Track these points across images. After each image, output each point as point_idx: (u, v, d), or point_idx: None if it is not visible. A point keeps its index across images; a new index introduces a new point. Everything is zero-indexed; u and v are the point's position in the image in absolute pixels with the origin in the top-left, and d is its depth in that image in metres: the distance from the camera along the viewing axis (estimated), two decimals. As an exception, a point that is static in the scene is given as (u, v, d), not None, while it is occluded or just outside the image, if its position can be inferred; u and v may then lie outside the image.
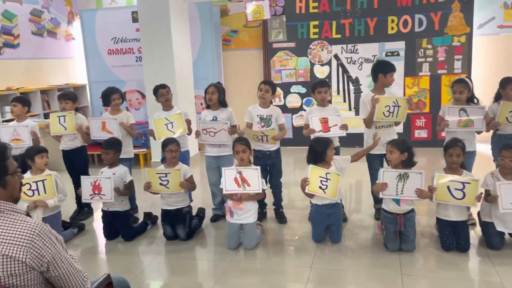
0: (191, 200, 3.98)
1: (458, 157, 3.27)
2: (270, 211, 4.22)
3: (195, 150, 6.71)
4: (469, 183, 3.17)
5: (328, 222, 3.49)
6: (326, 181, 3.36)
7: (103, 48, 7.58)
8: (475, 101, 3.71)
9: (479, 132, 3.68)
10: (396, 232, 3.29)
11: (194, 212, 3.97)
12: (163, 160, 3.92)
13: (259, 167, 3.42)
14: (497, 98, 3.83)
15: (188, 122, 4.09)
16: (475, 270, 3.07)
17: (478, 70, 7.03)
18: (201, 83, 6.87)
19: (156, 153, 6.09)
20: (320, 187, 3.37)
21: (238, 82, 8.04)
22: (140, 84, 7.21)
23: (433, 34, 6.82)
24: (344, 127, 3.80)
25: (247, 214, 3.44)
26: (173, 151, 3.68)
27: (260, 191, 3.41)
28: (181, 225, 3.68)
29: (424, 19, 6.82)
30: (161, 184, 3.62)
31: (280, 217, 4.07)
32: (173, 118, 4.06)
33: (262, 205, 4.15)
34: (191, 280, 3.13)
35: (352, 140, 7.07)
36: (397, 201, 3.28)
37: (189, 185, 3.70)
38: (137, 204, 4.48)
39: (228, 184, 3.39)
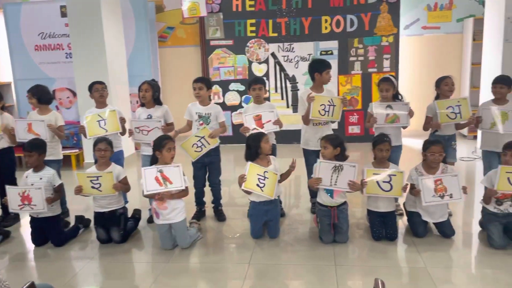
0: (126, 202, 3.87)
1: (388, 151, 3.45)
2: (209, 209, 4.20)
3: (131, 150, 6.54)
4: (395, 175, 3.36)
5: (266, 218, 3.54)
6: (264, 179, 3.41)
7: (29, 44, 7.16)
8: (400, 97, 3.91)
9: (404, 127, 3.89)
10: (330, 225, 3.41)
11: (129, 214, 3.86)
12: (96, 162, 3.77)
13: (180, 164, 3.38)
14: (437, 98, 3.95)
15: (122, 120, 3.97)
16: (403, 258, 3.25)
17: (405, 69, 7.45)
18: (136, 80, 6.64)
19: (89, 154, 5.85)
20: (258, 185, 3.41)
21: (175, 79, 7.92)
22: (70, 81, 6.89)
23: (363, 34, 7.13)
24: (277, 122, 3.87)
25: (173, 213, 3.37)
26: (102, 150, 3.54)
27: (184, 187, 3.35)
28: (115, 228, 3.56)
29: (355, 20, 7.11)
30: (93, 187, 3.48)
31: (219, 215, 4.08)
32: (106, 115, 3.92)
33: (200, 203, 4.13)
34: (127, 283, 3.05)
35: (290, 136, 7.26)
36: (331, 194, 3.40)
37: (123, 186, 3.59)
38: (68, 208, 4.28)
39: (149, 184, 3.30)
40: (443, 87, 3.87)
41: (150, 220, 4.01)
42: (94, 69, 5.86)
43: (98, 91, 4.07)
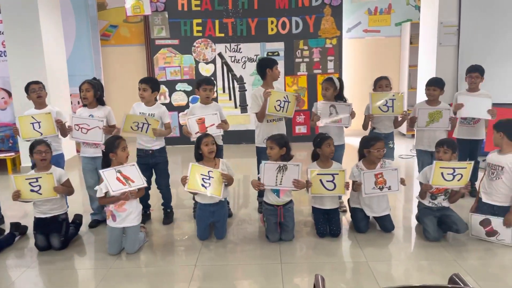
0: (67, 207, 3.72)
1: (272, 149, 3.44)
2: (154, 212, 4.12)
3: (72, 152, 6.28)
4: (338, 173, 3.47)
5: (212, 219, 3.53)
6: (209, 179, 3.39)
7: (-43, 40, 6.67)
8: (344, 99, 4.04)
9: (346, 127, 4.01)
10: (276, 223, 3.46)
11: (70, 219, 3.71)
12: (34, 166, 3.59)
13: (135, 163, 3.33)
14: None
15: (59, 122, 3.79)
16: (346, 253, 3.35)
17: (347, 70, 7.70)
18: (77, 80, 6.38)
19: (26, 157, 5.54)
20: (203, 185, 3.39)
21: (119, 79, 7.71)
22: (5, 81, 6.48)
23: (308, 36, 7.29)
24: (221, 126, 3.86)
25: (130, 216, 3.31)
26: (43, 152, 3.37)
27: (145, 184, 3.32)
28: (55, 234, 3.40)
29: (300, 22, 7.25)
30: (32, 190, 3.31)
31: (167, 217, 4.01)
32: (41, 117, 3.74)
33: (146, 206, 4.04)
34: (68, 291, 2.92)
35: (239, 137, 7.30)
36: (277, 193, 3.45)
37: (65, 189, 3.43)
38: (2, 214, 4.04)
39: (113, 185, 3.20)
40: (377, 88, 4.06)
41: (92, 225, 3.88)
42: (31, 68, 5.57)
43: (35, 92, 3.88)
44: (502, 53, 5.87)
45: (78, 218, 3.81)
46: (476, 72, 4.23)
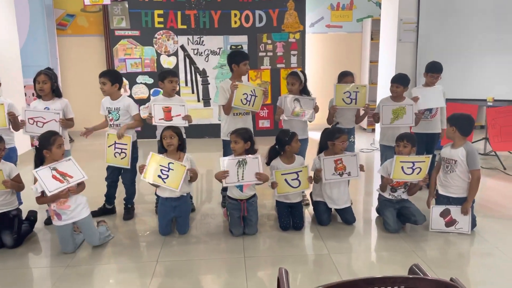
0: (20, 203, 3.55)
1: (237, 143, 3.44)
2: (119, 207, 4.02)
3: (26, 147, 6.01)
4: (301, 170, 3.49)
5: (174, 214, 3.46)
6: (168, 171, 3.32)
7: None
8: (308, 93, 4.06)
9: (310, 121, 4.04)
10: (240, 218, 3.44)
11: (24, 216, 3.54)
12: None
13: (71, 157, 3.20)
14: None
15: (12, 115, 3.60)
16: (309, 246, 3.37)
17: (310, 65, 7.77)
18: (31, 71, 6.13)
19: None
20: (160, 176, 3.31)
21: (77, 70, 7.45)
22: (-48, 71, 6.12)
23: (272, 30, 7.30)
24: (187, 117, 3.80)
25: (77, 209, 3.16)
26: None
27: (86, 177, 3.16)
28: (7, 231, 3.23)
29: (264, 15, 7.24)
30: None
31: (128, 213, 3.90)
32: None
33: (110, 198, 3.94)
34: (21, 291, 2.78)
35: (201, 131, 7.22)
36: (240, 188, 3.42)
37: (15, 184, 3.27)
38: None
39: (49, 184, 3.03)
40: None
41: (48, 222, 3.72)
42: (-20, 57, 5.26)
43: None
44: (457, 50, 6.10)
45: (32, 215, 3.64)
46: (437, 73, 4.31)
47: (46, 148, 3.12)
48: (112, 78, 3.75)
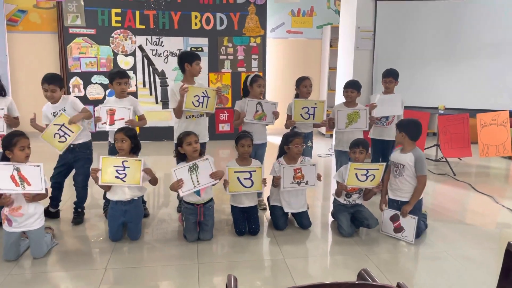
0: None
1: (249, 147, 3.53)
2: (64, 212, 3.83)
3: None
4: (255, 170, 3.46)
5: (124, 219, 3.34)
6: (124, 169, 3.20)
7: None
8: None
9: (269, 125, 4.02)
10: (196, 223, 3.36)
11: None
12: None
13: (41, 164, 3.01)
14: (297, 97, 4.15)
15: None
16: (265, 251, 3.34)
17: (271, 69, 7.80)
18: (-23, 67, 5.83)
19: None
20: (117, 177, 3.20)
21: (27, 69, 7.12)
22: None
23: (233, 33, 7.27)
24: (130, 122, 3.68)
25: (30, 219, 2.99)
26: None
27: (44, 191, 2.99)
28: None
29: (225, 18, 7.20)
30: None
31: (77, 217, 3.73)
32: None
33: (54, 201, 3.76)
34: (-46, 303, 2.59)
35: (159, 134, 7.07)
36: (198, 192, 3.35)
37: None
38: None
39: (2, 182, 2.86)
40: (302, 88, 4.10)
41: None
42: None
43: None
44: (411, 58, 6.30)
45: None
46: (390, 77, 4.46)
47: (8, 148, 2.94)
48: (61, 83, 3.62)
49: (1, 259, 3.02)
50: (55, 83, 3.54)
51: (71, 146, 3.64)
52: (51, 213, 3.76)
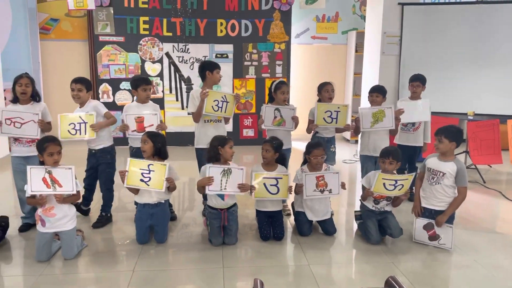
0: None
1: (268, 152, 3.53)
2: (93, 215, 3.93)
3: (5, 151, 5.87)
4: (281, 177, 3.46)
5: (151, 222, 3.40)
6: (149, 173, 3.26)
7: None
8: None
9: (291, 130, 4.03)
10: (220, 227, 3.39)
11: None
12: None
13: (72, 166, 3.11)
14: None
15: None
16: (289, 256, 3.34)
17: (295, 75, 7.81)
18: (12, 74, 6.03)
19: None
20: (142, 180, 3.26)
21: (59, 75, 7.34)
22: None
23: (257, 40, 7.32)
24: (160, 127, 3.76)
25: (63, 220, 3.09)
26: None
27: (74, 192, 3.09)
28: (-21, 239, 3.14)
29: (249, 25, 7.26)
30: None
31: (99, 221, 3.81)
32: None
33: (86, 204, 3.90)
34: (-10, 301, 2.69)
35: (185, 138, 7.16)
36: (222, 196, 3.38)
37: None
38: None
39: (35, 184, 2.98)
40: (324, 93, 4.09)
41: (22, 229, 3.62)
42: (-42, 59, 5.15)
43: None
44: (439, 63, 6.19)
45: (3, 221, 3.52)
46: (417, 81, 4.41)
47: (39, 152, 3.07)
48: (88, 85, 3.73)
49: (34, 260, 3.12)
50: (81, 83, 3.67)
51: (93, 151, 3.74)
52: (82, 210, 3.94)
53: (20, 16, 6.65)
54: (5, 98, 6.21)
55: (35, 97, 3.67)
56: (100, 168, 3.81)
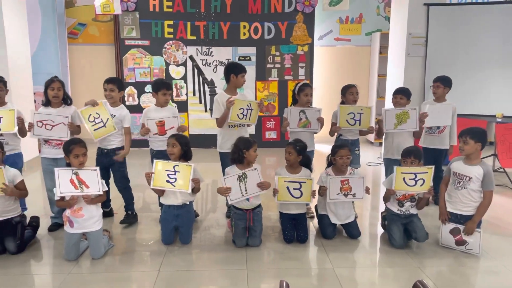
0: (25, 209, 3.55)
1: (290, 155, 3.52)
2: (119, 215, 4.01)
3: (34, 153, 6.04)
4: (305, 182, 3.46)
5: (176, 223, 3.45)
6: (175, 174, 3.31)
7: None
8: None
9: (316, 132, 4.02)
10: (245, 228, 3.41)
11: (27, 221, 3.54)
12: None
13: (98, 168, 3.18)
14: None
15: (20, 120, 3.63)
16: (313, 259, 3.33)
17: (318, 77, 7.77)
18: (42, 78, 6.21)
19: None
20: (168, 181, 3.31)
21: (86, 79, 7.51)
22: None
23: (280, 42, 7.32)
24: (181, 129, 3.81)
25: (90, 221, 3.17)
26: None
27: (101, 192, 3.17)
28: (11, 237, 3.23)
29: (272, 27, 7.27)
30: None
31: (126, 218, 3.90)
32: (3, 113, 3.56)
33: (106, 206, 3.97)
34: (21, 298, 2.77)
35: (208, 140, 7.22)
36: (247, 198, 3.40)
37: (16, 192, 3.24)
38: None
39: (63, 186, 3.07)
40: (348, 96, 4.06)
41: (51, 229, 3.72)
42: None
43: None
44: (466, 64, 6.07)
45: (34, 220, 3.64)
46: (437, 82, 4.33)
47: (66, 154, 3.16)
48: (120, 85, 3.82)
49: (62, 259, 3.20)
50: (112, 83, 3.78)
51: (105, 150, 3.82)
52: (105, 212, 3.96)
53: (49, 21, 6.84)
54: (35, 101, 6.39)
55: (66, 100, 3.77)
56: (114, 168, 3.88)
